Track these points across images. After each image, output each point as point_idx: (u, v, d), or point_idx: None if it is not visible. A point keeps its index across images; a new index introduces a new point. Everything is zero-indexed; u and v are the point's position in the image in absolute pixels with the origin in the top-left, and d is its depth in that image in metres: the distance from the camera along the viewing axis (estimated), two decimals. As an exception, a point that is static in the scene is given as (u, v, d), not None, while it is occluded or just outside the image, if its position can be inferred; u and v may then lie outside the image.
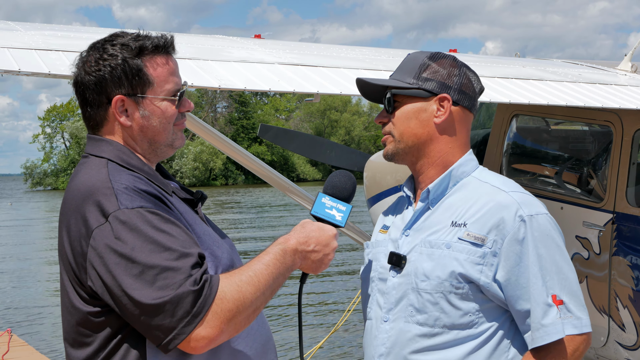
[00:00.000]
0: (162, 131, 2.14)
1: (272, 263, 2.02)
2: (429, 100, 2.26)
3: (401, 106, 2.28)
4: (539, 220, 2.15)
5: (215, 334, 1.90)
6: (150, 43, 2.10)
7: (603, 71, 5.39)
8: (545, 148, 5.98)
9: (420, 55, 2.32)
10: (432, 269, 2.18)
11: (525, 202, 2.17)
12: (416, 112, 2.27)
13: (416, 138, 2.27)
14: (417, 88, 2.26)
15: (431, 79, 2.26)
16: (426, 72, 2.27)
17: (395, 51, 5.10)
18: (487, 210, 2.17)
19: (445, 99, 2.25)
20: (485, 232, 2.14)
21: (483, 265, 2.14)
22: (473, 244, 2.14)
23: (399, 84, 2.28)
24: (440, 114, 2.26)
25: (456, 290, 2.15)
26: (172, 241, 1.91)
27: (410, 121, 2.27)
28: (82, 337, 2.01)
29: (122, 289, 1.88)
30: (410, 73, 2.29)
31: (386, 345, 2.24)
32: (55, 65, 3.09)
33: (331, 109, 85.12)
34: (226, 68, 3.64)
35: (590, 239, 4.94)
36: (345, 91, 3.66)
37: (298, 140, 7.80)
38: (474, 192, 2.23)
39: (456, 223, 2.19)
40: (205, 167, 74.74)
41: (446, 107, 2.26)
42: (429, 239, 2.22)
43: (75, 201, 1.99)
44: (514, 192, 2.20)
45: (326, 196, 2.20)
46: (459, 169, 2.28)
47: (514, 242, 2.13)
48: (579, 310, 2.15)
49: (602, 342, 4.94)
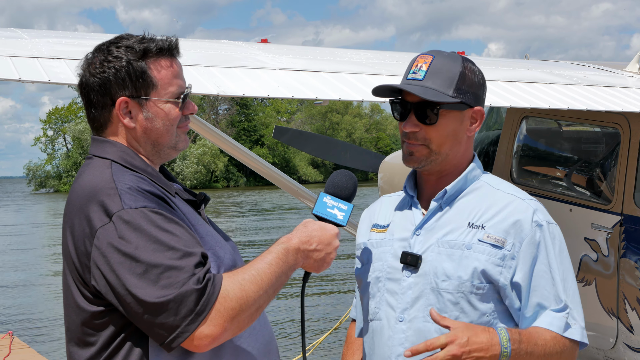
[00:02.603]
0: (166, 133, 2.15)
1: (274, 262, 2.03)
2: (464, 111, 2.29)
3: (441, 119, 2.25)
4: (553, 228, 2.26)
5: (219, 332, 1.91)
6: (155, 46, 2.12)
7: (610, 73, 5.35)
8: (554, 150, 5.97)
9: (454, 63, 2.27)
10: (454, 269, 2.21)
11: (540, 209, 2.27)
12: (456, 124, 2.29)
13: (450, 148, 2.30)
14: (460, 102, 2.26)
15: (468, 92, 2.28)
16: (465, 83, 2.27)
17: (398, 54, 5.08)
18: (505, 215, 2.24)
19: (480, 113, 2.32)
20: (504, 236, 2.21)
21: (502, 267, 2.20)
22: (493, 245, 2.20)
23: (444, 99, 2.23)
24: (474, 127, 2.32)
25: (477, 290, 2.20)
26: (176, 240, 1.93)
27: (449, 134, 2.28)
28: (86, 336, 2.02)
29: (126, 288, 1.89)
30: (450, 84, 2.25)
31: (404, 345, 2.24)
32: (55, 73, 3.16)
33: (332, 111, 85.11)
34: (226, 74, 3.67)
35: (599, 241, 4.93)
36: (345, 97, 3.67)
37: (313, 141, 7.82)
38: (488, 197, 2.29)
39: (473, 225, 2.24)
40: (206, 170, 74.78)
41: (479, 121, 2.32)
42: (446, 239, 2.25)
43: (79, 201, 2.01)
44: (529, 199, 2.29)
45: (328, 195, 2.21)
46: (472, 172, 2.34)
47: (531, 245, 2.21)
48: (582, 320, 2.24)
49: (611, 344, 4.92)
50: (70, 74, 3.17)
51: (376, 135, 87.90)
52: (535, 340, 2.16)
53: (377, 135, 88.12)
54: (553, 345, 2.18)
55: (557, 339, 2.19)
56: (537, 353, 2.15)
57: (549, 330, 2.19)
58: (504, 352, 2.10)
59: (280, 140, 7.72)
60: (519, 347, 2.12)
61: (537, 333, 2.18)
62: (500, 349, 2.09)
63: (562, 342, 2.19)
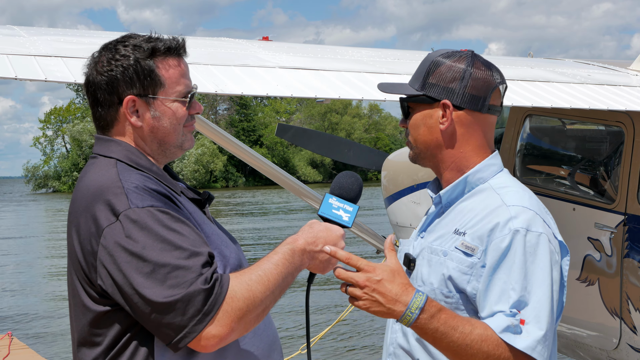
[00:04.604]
0: (172, 132, 2.16)
1: (281, 263, 2.03)
2: (434, 106, 2.25)
3: (413, 113, 2.29)
4: (531, 237, 2.06)
5: (226, 333, 1.91)
6: (163, 45, 2.12)
7: (614, 72, 5.32)
8: (558, 149, 5.96)
9: (432, 56, 2.29)
10: (428, 275, 2.20)
11: (522, 217, 2.09)
12: (423, 119, 2.26)
13: (425, 144, 2.27)
14: (422, 95, 2.25)
15: (435, 84, 2.24)
16: (432, 76, 2.25)
17: (400, 52, 5.05)
18: (485, 222, 2.12)
19: (446, 106, 2.22)
20: (477, 242, 2.10)
21: (471, 275, 2.10)
22: (464, 253, 2.12)
23: (410, 91, 2.27)
24: (444, 121, 2.23)
25: (446, 299, 2.14)
26: (183, 240, 1.92)
27: (420, 128, 2.27)
28: (93, 336, 2.02)
29: (133, 288, 1.89)
30: (418, 78, 2.28)
31: (394, 346, 2.30)
32: (52, 71, 3.14)
33: (332, 111, 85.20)
34: (225, 72, 3.65)
35: (602, 240, 4.92)
36: (345, 95, 3.63)
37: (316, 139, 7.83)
38: (481, 202, 2.19)
39: (458, 231, 2.17)
40: (205, 169, 74.80)
41: (448, 114, 2.23)
42: (432, 244, 2.23)
43: (85, 201, 2.00)
44: (514, 206, 2.12)
45: (333, 197, 2.21)
46: (475, 174, 2.24)
47: (495, 251, 2.07)
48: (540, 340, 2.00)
49: (614, 345, 4.91)
50: (67, 72, 3.15)
51: (375, 135, 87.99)
52: (456, 325, 1.99)
53: (376, 135, 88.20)
54: (480, 341, 1.98)
55: (491, 338, 1.99)
56: (452, 337, 1.98)
57: (487, 325, 2.01)
58: (407, 315, 1.98)
59: (283, 138, 7.72)
60: (429, 322, 1.98)
61: (468, 322, 2.01)
62: (405, 310, 1.98)
63: (495, 344, 1.98)
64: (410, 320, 1.99)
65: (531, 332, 2.00)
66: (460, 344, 1.99)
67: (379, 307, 2.00)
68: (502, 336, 1.99)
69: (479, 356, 1.99)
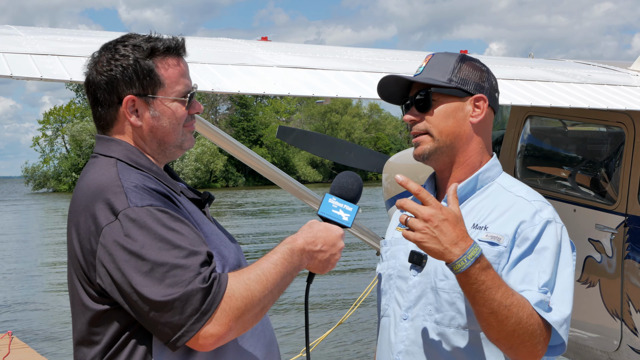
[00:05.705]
0: (172, 132, 2.16)
1: (280, 262, 2.03)
2: (465, 100, 2.29)
3: (438, 105, 2.29)
4: (558, 227, 2.20)
5: (224, 332, 1.92)
6: (162, 44, 2.13)
7: (614, 72, 5.30)
8: (558, 149, 5.95)
9: (451, 57, 2.34)
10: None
11: (545, 209, 2.22)
12: (454, 111, 2.29)
13: (454, 136, 2.29)
14: (456, 87, 2.28)
15: (466, 80, 2.30)
16: (461, 72, 2.30)
17: (399, 52, 5.04)
18: (509, 216, 2.21)
19: (482, 99, 2.29)
20: (503, 233, 2.18)
21: (498, 264, 2.16)
22: (490, 243, 2.18)
23: (437, 83, 2.29)
24: (476, 114, 2.30)
25: None
26: (182, 239, 1.93)
27: (449, 119, 2.29)
28: (92, 335, 2.03)
29: (132, 286, 1.89)
30: (444, 73, 2.30)
31: (405, 343, 2.27)
32: (48, 69, 3.12)
33: (332, 111, 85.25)
34: (222, 71, 3.64)
35: (603, 241, 4.91)
36: (343, 94, 3.62)
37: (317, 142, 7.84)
38: (497, 200, 2.28)
39: (477, 226, 2.23)
40: (206, 169, 74.85)
41: (482, 107, 2.30)
42: None
43: (84, 200, 2.01)
44: (536, 200, 2.25)
45: (333, 197, 2.21)
46: (485, 173, 2.32)
47: (526, 238, 2.16)
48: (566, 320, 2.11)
49: (615, 346, 4.89)
50: (64, 71, 3.13)
51: (375, 135, 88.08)
52: (501, 284, 2.02)
53: (376, 135, 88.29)
54: (518, 305, 2.03)
55: (527, 306, 2.04)
56: (496, 295, 2.00)
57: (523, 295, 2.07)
58: (461, 260, 1.98)
59: (284, 141, 7.74)
60: (479, 273, 1.99)
61: (510, 288, 2.04)
62: (461, 256, 1.98)
63: (528, 313, 2.04)
64: (463, 266, 1.99)
65: (560, 310, 2.10)
66: (500, 302, 2.01)
67: (436, 245, 2.00)
68: (536, 308, 2.06)
69: (511, 320, 2.02)
